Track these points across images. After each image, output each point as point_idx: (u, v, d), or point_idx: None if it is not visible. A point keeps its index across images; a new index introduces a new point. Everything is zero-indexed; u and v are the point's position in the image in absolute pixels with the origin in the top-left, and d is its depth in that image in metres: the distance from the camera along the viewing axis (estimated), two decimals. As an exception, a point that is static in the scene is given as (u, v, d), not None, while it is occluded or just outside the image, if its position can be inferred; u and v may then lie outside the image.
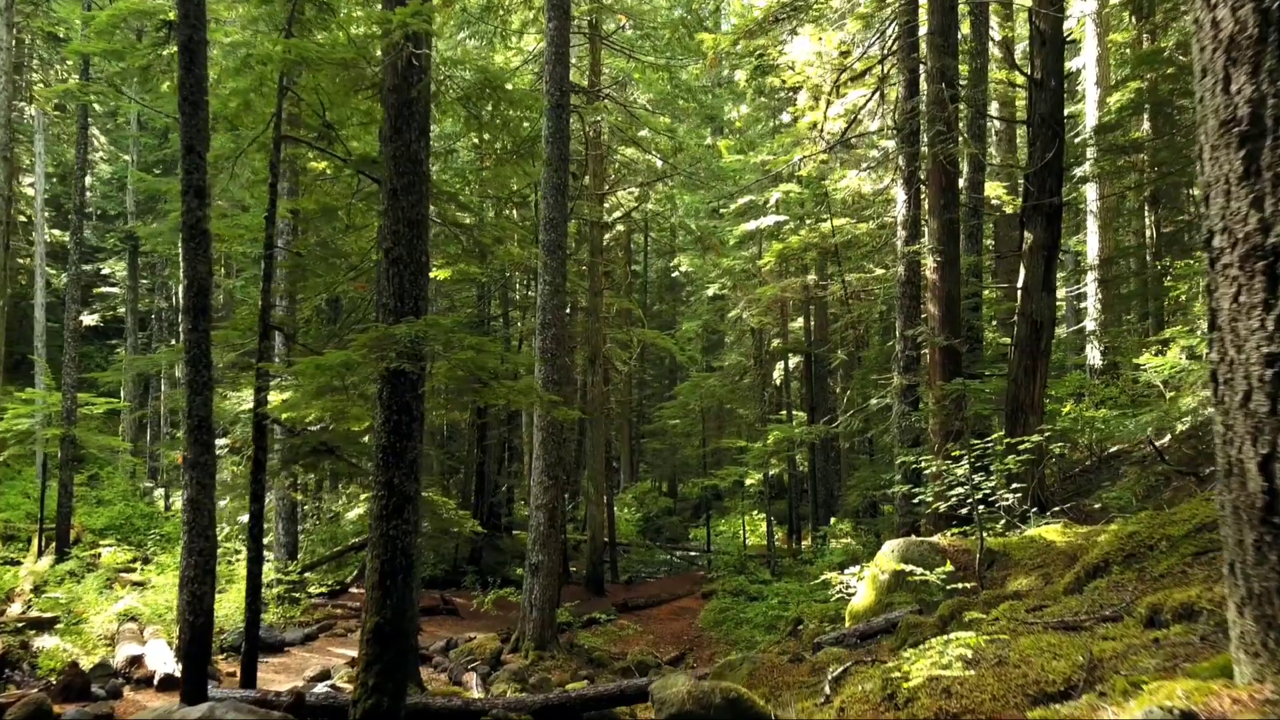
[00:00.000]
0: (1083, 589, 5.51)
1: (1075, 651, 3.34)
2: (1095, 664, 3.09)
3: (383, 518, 6.74)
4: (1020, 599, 6.55)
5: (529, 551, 14.18)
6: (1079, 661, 3.16)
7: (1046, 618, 4.45)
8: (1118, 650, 3.24)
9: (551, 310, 14.19)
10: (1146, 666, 2.88)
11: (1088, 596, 4.93)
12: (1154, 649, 3.14)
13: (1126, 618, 3.87)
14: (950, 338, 12.24)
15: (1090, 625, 3.93)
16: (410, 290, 6.87)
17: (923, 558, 8.31)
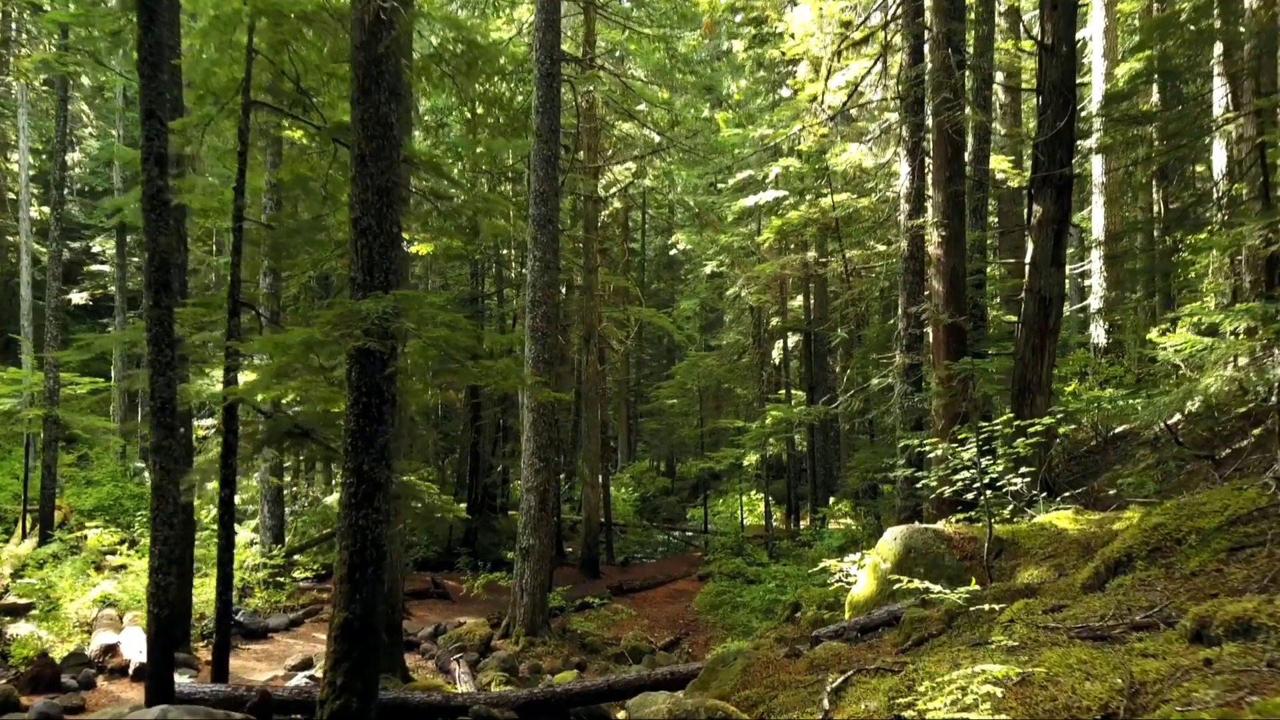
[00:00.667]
0: (1104, 586, 5.08)
1: (1111, 670, 2.92)
2: (1137, 688, 2.68)
3: (352, 506, 6.32)
4: (1034, 594, 6.13)
5: (520, 535, 13.80)
6: (1117, 685, 2.74)
7: (1068, 621, 4.03)
8: (1162, 672, 2.81)
9: (542, 287, 13.72)
10: (1204, 698, 2.46)
11: (1112, 596, 4.50)
12: (1208, 673, 2.72)
13: (1164, 627, 3.45)
14: (955, 315, 11.78)
15: (1122, 634, 3.50)
16: (380, 263, 6.40)
17: (927, 545, 7.90)
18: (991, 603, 6.25)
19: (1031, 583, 6.65)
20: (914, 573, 7.81)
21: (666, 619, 17.04)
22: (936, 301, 12.04)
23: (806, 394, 26.06)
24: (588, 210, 21.25)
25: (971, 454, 8.03)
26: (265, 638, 13.03)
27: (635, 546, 26.93)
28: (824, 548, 16.47)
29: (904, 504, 12.12)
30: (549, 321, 13.74)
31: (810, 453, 24.96)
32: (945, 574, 7.65)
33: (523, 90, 21.53)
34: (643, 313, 23.14)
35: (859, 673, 4.37)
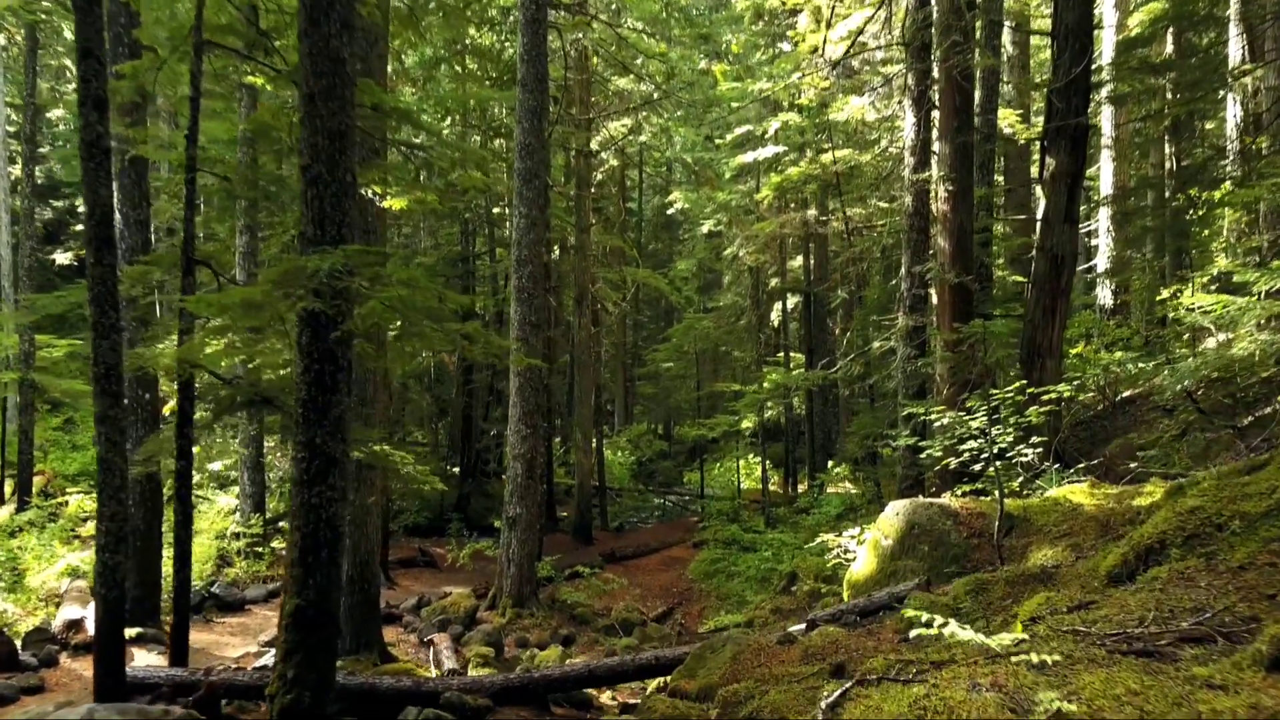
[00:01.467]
0: (1133, 576, 4.53)
1: (1171, 707, 2.37)
2: (1211, 739, 2.15)
3: (304, 483, 5.76)
4: (1050, 580, 5.59)
5: (506, 504, 13.29)
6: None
7: (1101, 625, 3.48)
8: (1239, 715, 2.28)
9: (528, 245, 13.08)
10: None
11: (1147, 592, 3.95)
12: (1305, 724, 2.20)
13: (1222, 640, 2.91)
14: (962, 274, 11.17)
15: (1171, 649, 2.95)
16: (332, 215, 5.78)
17: (931, 521, 7.37)
18: (1004, 588, 5.73)
19: (1046, 565, 6.11)
20: (917, 551, 7.29)
21: (660, 588, 16.61)
22: (942, 260, 11.42)
23: (805, 357, 25.48)
24: (579, 166, 20.50)
25: (980, 423, 7.47)
26: (242, 610, 12.58)
27: (630, 511, 26.53)
28: (821, 515, 16.00)
29: (906, 473, 11.60)
30: (536, 282, 13.12)
31: (809, 416, 24.44)
32: (951, 553, 7.13)
33: (512, 42, 20.69)
34: (638, 274, 22.49)
35: (859, 685, 3.83)
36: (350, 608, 10.14)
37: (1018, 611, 4.72)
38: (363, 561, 10.16)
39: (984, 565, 6.91)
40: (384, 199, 9.40)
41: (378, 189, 9.39)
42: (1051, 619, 3.80)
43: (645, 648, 7.17)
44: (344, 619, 10.20)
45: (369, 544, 10.22)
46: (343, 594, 10.18)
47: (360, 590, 10.15)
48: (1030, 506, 7.40)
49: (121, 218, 10.99)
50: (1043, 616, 3.95)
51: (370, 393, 10.15)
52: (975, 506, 7.50)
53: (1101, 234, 21.19)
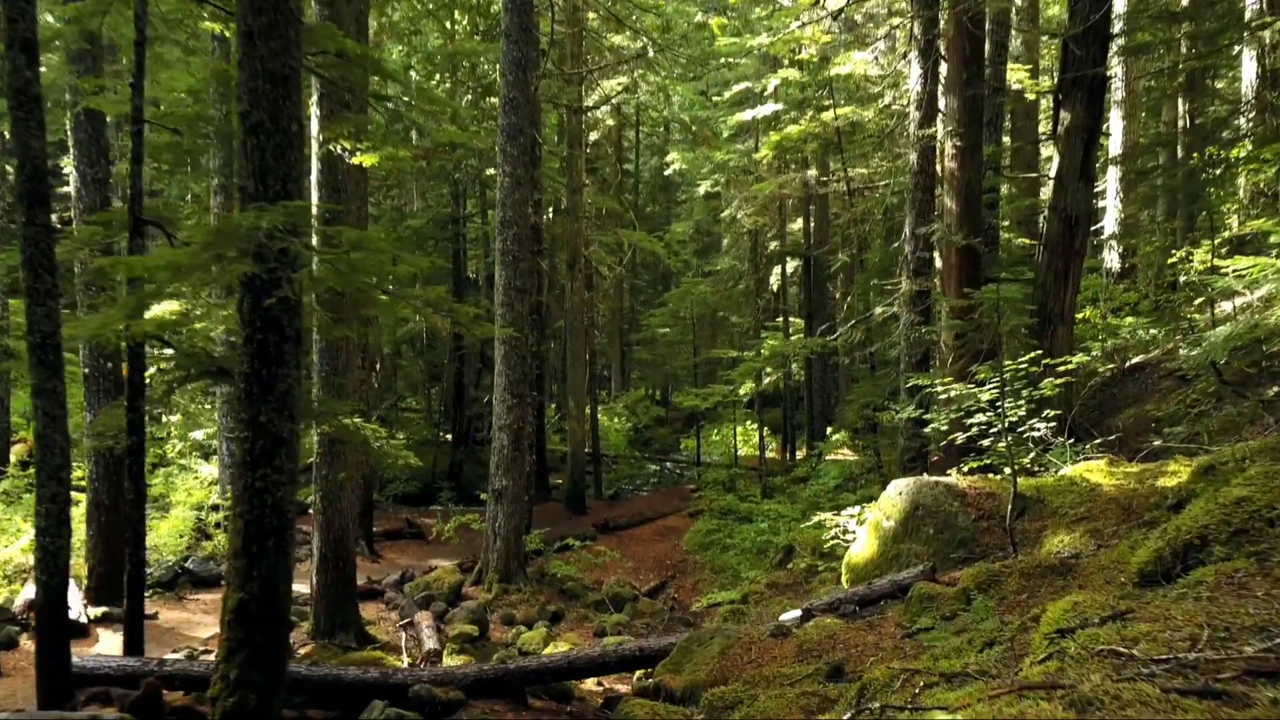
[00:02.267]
0: (1170, 576, 4.00)
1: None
2: None
3: (247, 465, 5.21)
4: (1071, 573, 5.07)
5: (492, 476, 12.79)
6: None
7: (1145, 647, 2.94)
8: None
9: (513, 205, 12.45)
10: None
11: (1192, 601, 3.42)
12: None
13: (1307, 682, 2.40)
14: (970, 236, 10.57)
15: (1241, 687, 2.42)
16: (275, 168, 5.17)
17: (937, 502, 6.85)
18: (1018, 580, 5.21)
19: (1064, 554, 5.59)
20: (921, 534, 6.78)
21: (653, 560, 16.19)
22: (949, 221, 10.80)
23: (805, 322, 24.89)
24: (571, 124, 19.76)
25: (991, 395, 6.92)
26: (218, 585, 12.09)
27: (626, 479, 26.11)
28: (819, 486, 15.52)
29: (908, 444, 11.08)
30: (521, 244, 12.50)
31: (807, 382, 23.91)
32: (958, 537, 6.62)
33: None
34: (632, 236, 21.82)
35: (859, 710, 3.31)
36: (324, 587, 9.68)
37: (1037, 613, 4.19)
38: (336, 539, 9.67)
39: (994, 551, 6.41)
40: (353, 155, 8.75)
41: (346, 144, 8.75)
42: (1083, 634, 3.27)
43: (628, 639, 6.67)
44: (317, 599, 9.75)
45: (343, 520, 9.72)
46: (315, 573, 9.73)
47: (334, 569, 9.67)
48: (1044, 486, 6.88)
49: (78, 176, 10.37)
50: (1071, 629, 3.42)
51: (343, 361, 9.59)
52: (984, 486, 6.97)
53: (1110, 195, 20.44)
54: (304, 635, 9.83)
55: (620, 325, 35.95)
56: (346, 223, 9.63)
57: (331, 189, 9.50)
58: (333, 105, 9.30)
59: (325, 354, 9.56)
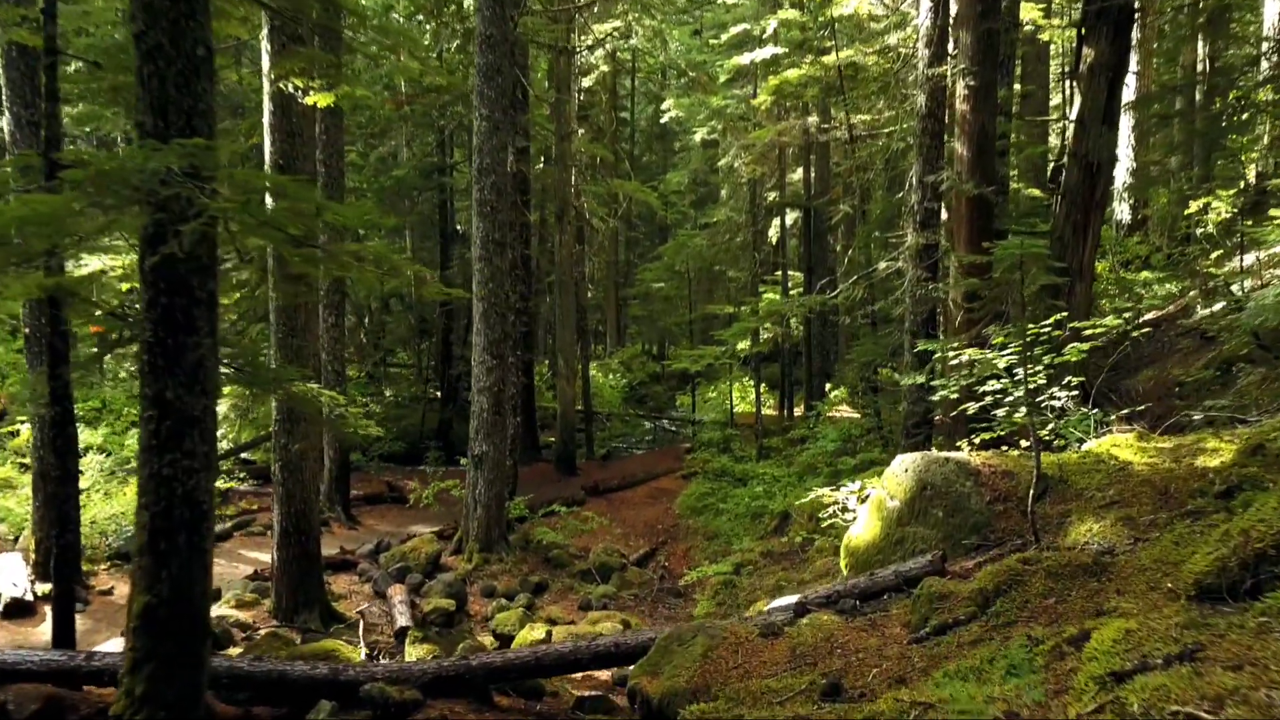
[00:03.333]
0: (1237, 592, 3.31)
1: None
2: None
3: (153, 449, 4.50)
4: (1106, 574, 4.38)
5: (471, 441, 12.11)
6: None
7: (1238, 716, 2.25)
8: None
9: (490, 152, 11.60)
10: None
11: None
12: None
13: None
14: (982, 184, 9.75)
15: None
16: (178, 100, 4.38)
17: (947, 481, 6.15)
18: (1044, 581, 4.52)
19: (1095, 548, 4.90)
20: (930, 517, 6.09)
21: (644, 525, 15.58)
22: (959, 168, 9.98)
23: (804, 276, 24.08)
24: (560, 67, 18.76)
25: (1008, 361, 6.19)
26: (183, 557, 11.51)
27: (620, 439, 25.50)
28: (817, 450, 14.86)
29: (912, 409, 10.36)
30: (500, 194, 11.67)
31: (806, 339, 23.15)
32: (971, 521, 5.93)
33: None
34: (625, 186, 20.91)
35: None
36: (285, 564, 9.04)
37: (1074, 632, 3.51)
38: (298, 512, 9.00)
39: (1011, 537, 5.72)
40: (306, 95, 7.91)
41: (298, 82, 7.90)
42: (1144, 681, 2.58)
43: (601, 639, 6.00)
44: (278, 576, 9.13)
45: (305, 492, 9.05)
46: (275, 549, 9.09)
47: (296, 544, 9.02)
48: (1067, 464, 6.17)
49: (11, 118, 9.53)
50: (1128, 672, 2.72)
51: (301, 322, 8.84)
52: (1000, 463, 6.27)
53: (1122, 143, 19.46)
54: (265, 614, 9.24)
55: (615, 279, 35.13)
56: (304, 170, 8.82)
57: (286, 134, 8.67)
58: (284, 40, 8.44)
59: (281, 314, 8.81)
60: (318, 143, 13.75)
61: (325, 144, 13.58)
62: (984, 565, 5.52)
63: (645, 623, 10.58)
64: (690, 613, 11.09)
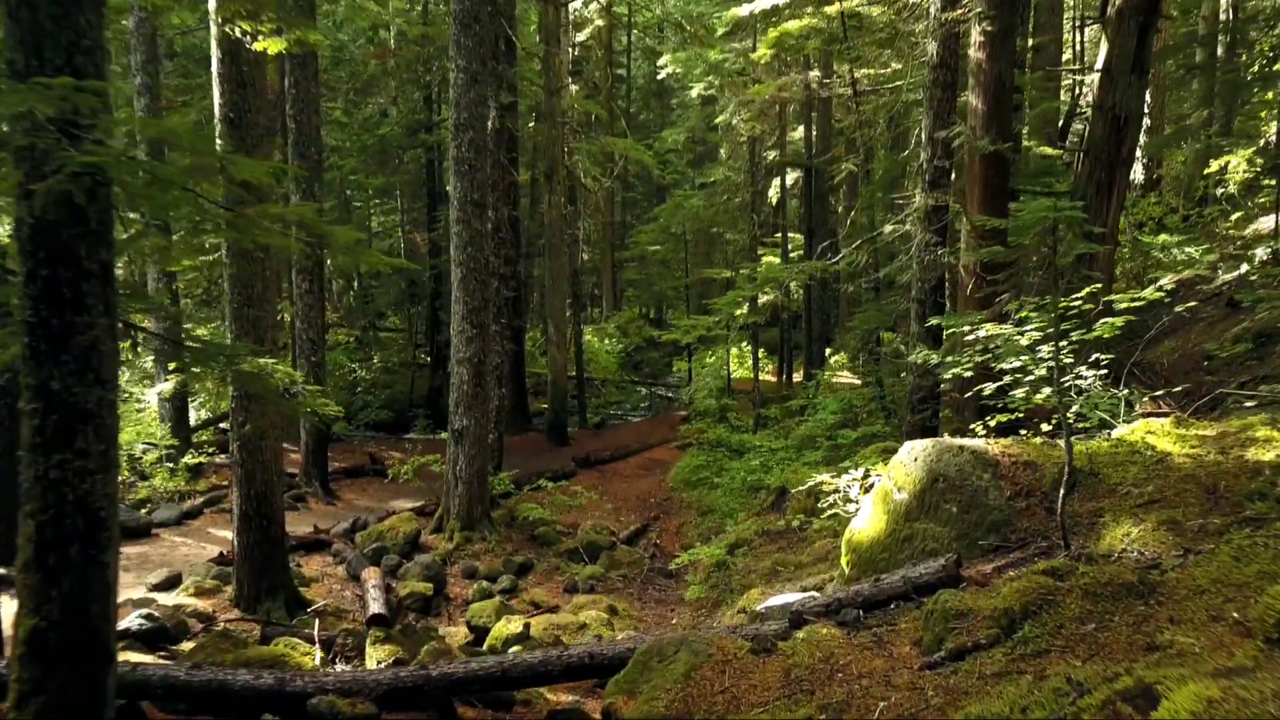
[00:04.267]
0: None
1: None
2: None
3: (38, 448, 3.84)
4: (1155, 599, 3.74)
5: (451, 415, 11.48)
6: None
7: None
8: None
9: (468, 106, 10.81)
10: None
11: None
12: None
13: None
14: (998, 140, 8.99)
15: None
16: (54, 34, 3.65)
17: (962, 473, 5.49)
18: (1080, 602, 3.88)
19: (1132, 554, 4.26)
20: (942, 513, 5.45)
21: (636, 498, 15.01)
22: (974, 123, 9.20)
23: (805, 238, 23.31)
24: (549, 18, 17.83)
25: (1031, 338, 5.52)
26: (148, 536, 10.89)
27: (614, 406, 24.89)
28: (817, 423, 14.23)
29: (918, 382, 9.69)
30: (479, 151, 10.90)
31: (806, 303, 22.44)
32: (989, 519, 5.28)
33: None
34: (618, 144, 20.06)
35: None
36: (246, 549, 8.43)
37: (1128, 685, 2.87)
38: (258, 495, 8.37)
39: (1034, 539, 5.08)
40: (255, 40, 7.14)
41: (245, 25, 7.13)
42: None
43: (574, 649, 5.37)
44: (239, 563, 8.53)
45: (266, 474, 8.41)
46: (236, 535, 8.49)
47: (257, 528, 8.41)
48: (1097, 454, 5.51)
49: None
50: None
51: (258, 291, 8.13)
52: (1020, 452, 5.61)
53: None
54: (226, 603, 8.66)
55: (611, 241, 34.30)
56: (258, 125, 8.07)
57: (235, 84, 7.90)
58: (230, -23, 7.63)
59: (236, 282, 8.11)
60: (287, 97, 12.96)
61: (296, 98, 12.78)
62: (1004, 571, 4.89)
63: (633, 607, 10.03)
64: (681, 595, 10.54)
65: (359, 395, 21.96)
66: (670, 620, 9.63)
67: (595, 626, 8.34)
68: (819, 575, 8.64)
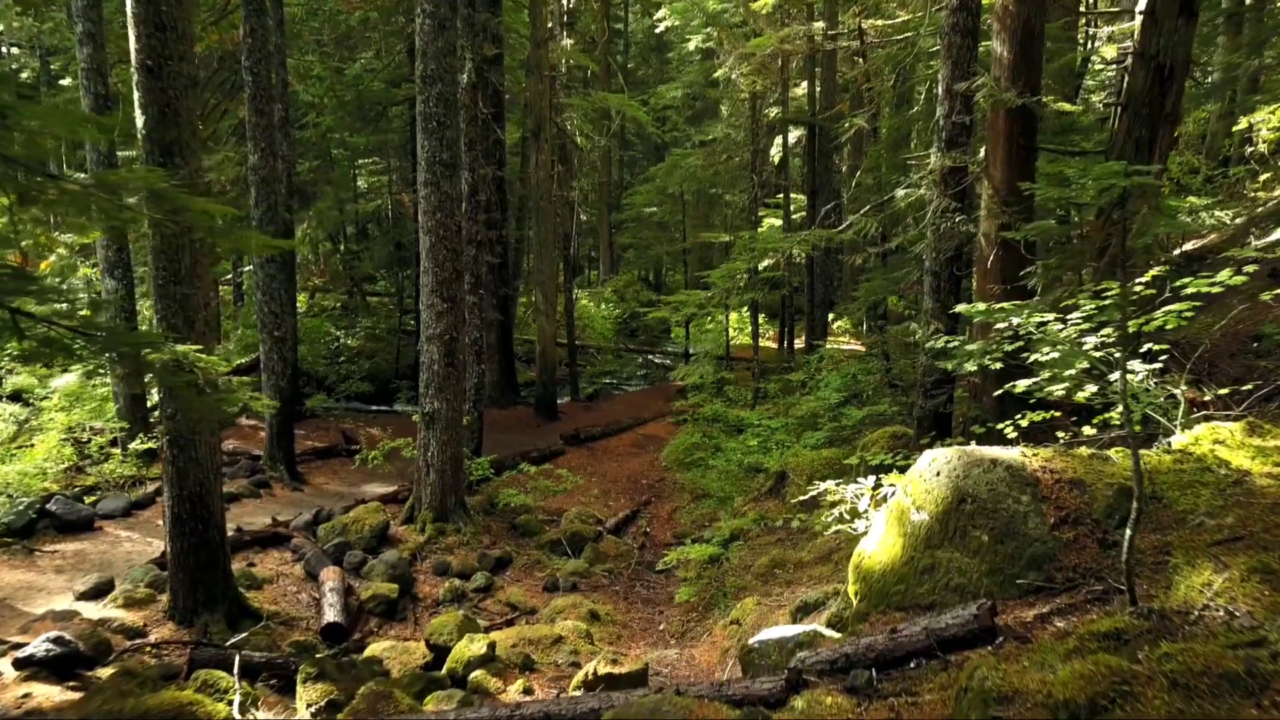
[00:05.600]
0: None
1: None
2: None
3: None
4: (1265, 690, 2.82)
5: (421, 397, 10.55)
6: None
7: None
8: None
9: (436, 56, 9.74)
10: None
11: None
12: None
13: None
14: (1026, 93, 7.94)
15: None
16: None
17: (995, 494, 4.57)
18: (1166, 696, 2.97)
19: (1223, 618, 3.35)
20: (970, 540, 4.53)
21: (626, 479, 14.15)
22: (998, 74, 8.14)
23: (808, 199, 22.20)
24: (533, -38, 16.61)
25: (1074, 332, 4.59)
26: (89, 529, 10.02)
27: (608, 375, 23.96)
28: (819, 403, 13.29)
29: (932, 364, 8.74)
30: (448, 106, 9.84)
31: (809, 267, 21.39)
32: (1029, 552, 4.37)
33: None
34: (610, 99, 18.90)
35: None
36: (180, 556, 7.55)
37: None
38: (192, 495, 7.47)
39: (1085, 580, 4.16)
40: None
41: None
42: None
43: (528, 708, 4.46)
44: (173, 571, 7.65)
45: (201, 471, 7.50)
46: (169, 540, 7.60)
47: (193, 532, 7.52)
48: (1158, 471, 4.57)
49: None
50: None
51: (187, 266, 7.16)
52: (1064, 467, 4.67)
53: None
54: (160, 614, 7.80)
55: (608, 202, 33.17)
56: (178, 73, 7.04)
57: (154, 26, 6.86)
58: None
59: (161, 256, 7.14)
60: (242, 47, 11.87)
61: (251, 48, 11.69)
62: (1050, 620, 3.98)
63: (618, 609, 9.18)
64: (671, 593, 9.68)
65: (341, 365, 21.01)
66: (658, 627, 8.78)
67: (573, 640, 7.48)
68: (821, 585, 7.76)
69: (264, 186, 11.83)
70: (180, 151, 7.17)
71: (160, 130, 7.03)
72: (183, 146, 7.18)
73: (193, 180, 7.26)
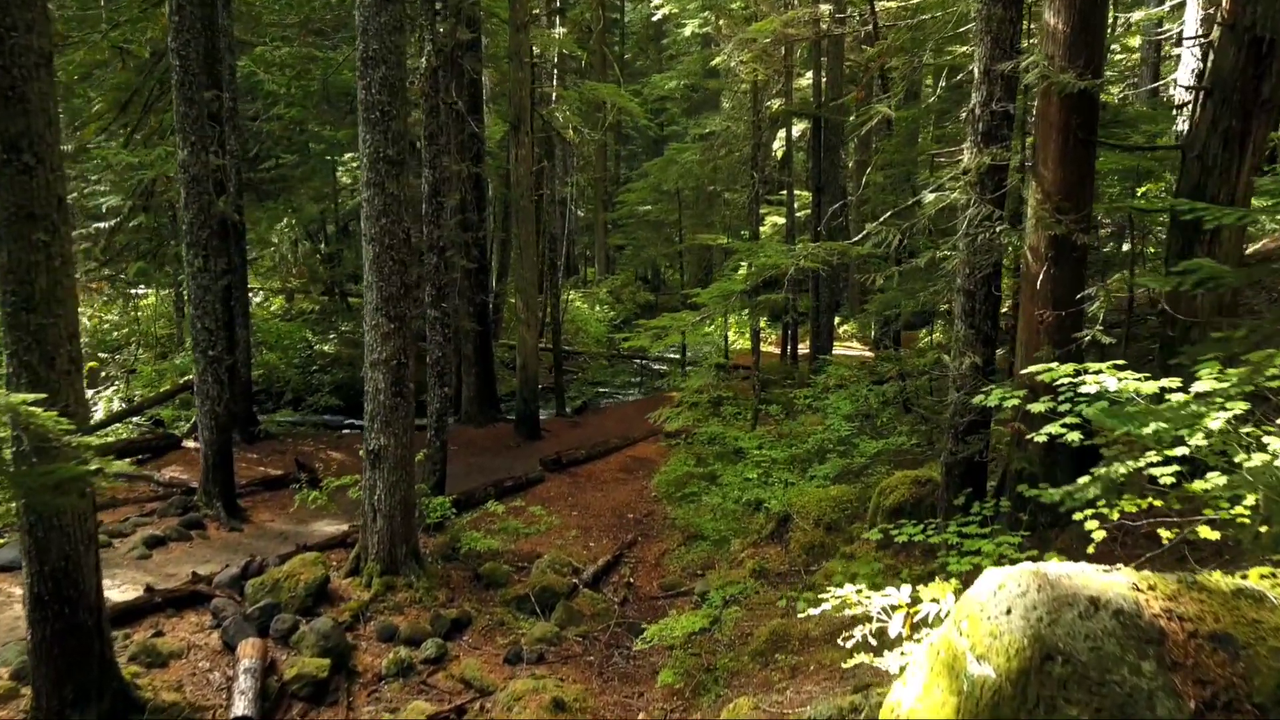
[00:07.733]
0: None
1: None
2: None
3: None
4: None
5: (366, 434, 9.11)
6: None
7: None
8: None
9: (378, 35, 8.27)
10: None
11: None
12: None
13: None
14: (1087, 74, 6.47)
15: None
16: None
17: (1099, 656, 3.11)
18: None
19: None
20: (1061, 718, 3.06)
21: (611, 513, 12.70)
22: (1051, 51, 6.66)
23: (813, 196, 20.78)
24: (512, -63, 15.11)
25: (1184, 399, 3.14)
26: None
27: (600, 384, 22.51)
28: (824, 436, 11.81)
29: (964, 400, 7.27)
30: (393, 93, 8.37)
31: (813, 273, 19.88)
32: (1160, 760, 2.87)
33: None
34: (601, 89, 17.45)
35: None
36: (42, 646, 6.12)
37: None
38: (56, 572, 6.04)
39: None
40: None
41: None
42: None
43: None
44: (34, 664, 6.21)
45: (66, 541, 6.06)
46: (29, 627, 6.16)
47: (58, 616, 6.09)
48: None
49: None
50: None
51: (41, 288, 5.70)
52: (1197, 612, 3.20)
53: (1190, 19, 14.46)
54: (24, 714, 6.38)
55: (602, 198, 31.72)
56: (26, 46, 5.60)
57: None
58: None
59: (9, 276, 5.70)
60: (169, 27, 10.41)
61: (180, 27, 10.22)
62: None
63: (590, 690, 7.75)
64: (655, 666, 8.23)
65: (313, 375, 19.60)
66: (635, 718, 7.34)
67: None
68: (830, 682, 6.31)
69: (194, 185, 10.35)
70: (32, 147, 5.73)
71: (3, 120, 5.59)
72: (34, 140, 5.73)
73: (50, 184, 5.82)
